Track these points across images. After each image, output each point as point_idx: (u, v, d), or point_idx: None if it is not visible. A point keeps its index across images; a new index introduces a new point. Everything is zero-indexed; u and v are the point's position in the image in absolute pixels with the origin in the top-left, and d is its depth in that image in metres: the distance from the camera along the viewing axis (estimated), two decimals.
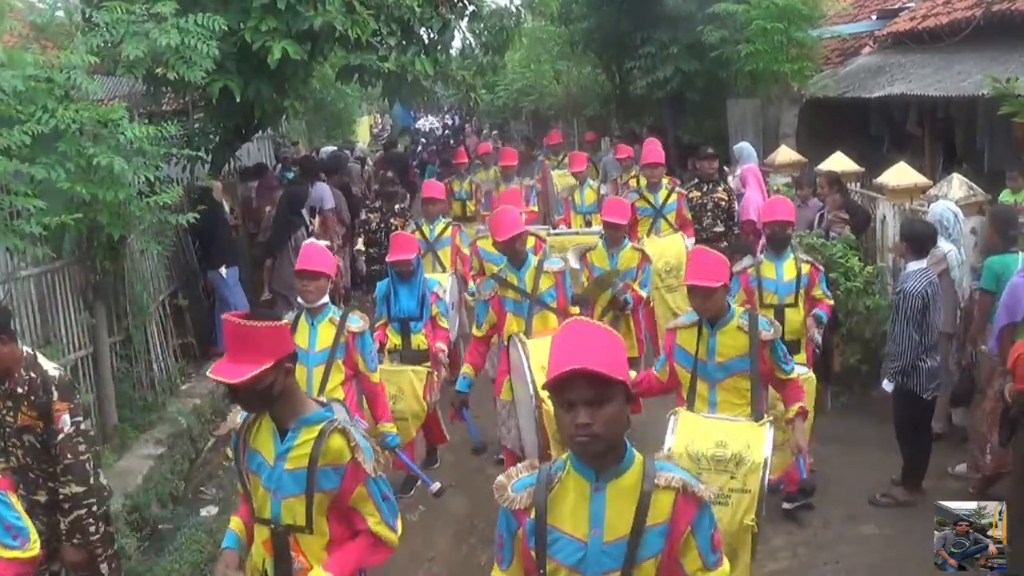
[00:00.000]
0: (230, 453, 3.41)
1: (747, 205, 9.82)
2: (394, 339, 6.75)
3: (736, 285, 6.37)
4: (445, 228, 8.77)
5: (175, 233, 8.87)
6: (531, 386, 5.23)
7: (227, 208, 9.68)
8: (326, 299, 5.46)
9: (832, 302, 6.74)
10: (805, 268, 6.50)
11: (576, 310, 6.09)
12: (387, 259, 6.79)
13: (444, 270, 8.48)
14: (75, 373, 7.17)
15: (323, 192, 11.65)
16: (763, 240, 7.31)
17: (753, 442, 4.49)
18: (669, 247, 8.63)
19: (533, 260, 6.14)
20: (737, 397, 4.69)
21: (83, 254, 7.31)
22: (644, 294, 7.32)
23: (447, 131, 34.68)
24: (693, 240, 8.79)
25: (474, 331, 6.27)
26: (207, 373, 3.96)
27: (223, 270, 9.39)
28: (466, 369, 6.13)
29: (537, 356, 5.19)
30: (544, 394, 4.40)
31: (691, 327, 4.72)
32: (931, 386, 6.18)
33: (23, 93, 6.11)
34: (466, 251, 8.76)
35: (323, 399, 4.15)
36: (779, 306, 6.39)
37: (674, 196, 9.03)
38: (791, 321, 6.33)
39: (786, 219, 6.52)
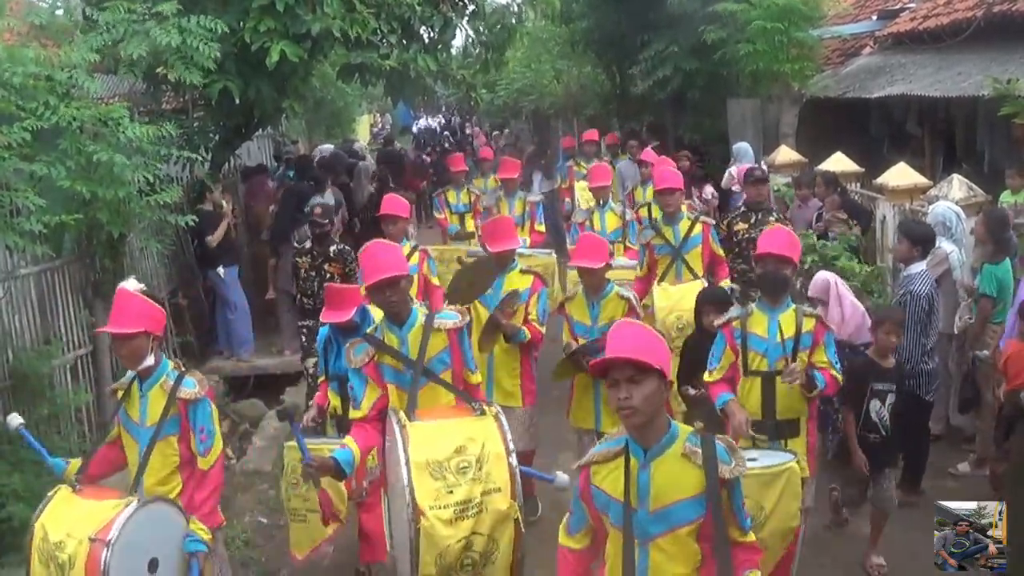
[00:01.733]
0: (230, 452, 3.44)
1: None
2: (334, 401, 5.52)
3: (720, 344, 5.07)
4: (411, 254, 7.08)
5: (175, 232, 8.87)
6: (408, 493, 3.87)
7: (228, 208, 9.66)
8: (151, 360, 4.28)
9: (840, 377, 5.00)
10: (808, 324, 4.94)
11: (477, 378, 4.65)
12: (321, 318, 5.55)
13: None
14: (74, 371, 7.18)
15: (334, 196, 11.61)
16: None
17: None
18: (686, 297, 6.61)
19: (420, 315, 4.49)
20: (681, 565, 3.09)
21: (83, 252, 7.31)
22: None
23: (445, 131, 34.08)
24: (728, 282, 7.17)
25: (352, 412, 4.57)
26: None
27: (222, 269, 9.39)
28: (351, 447, 4.32)
29: (420, 449, 3.99)
30: (426, 505, 3.81)
31: (614, 460, 3.15)
32: (932, 387, 6.19)
33: (24, 89, 6.11)
34: (436, 282, 7.30)
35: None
36: (768, 374, 4.92)
37: (698, 228, 7.16)
38: (784, 396, 4.91)
39: (783, 254, 4.91)
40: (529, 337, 6.07)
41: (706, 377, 5.09)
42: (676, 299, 6.75)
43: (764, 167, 10.12)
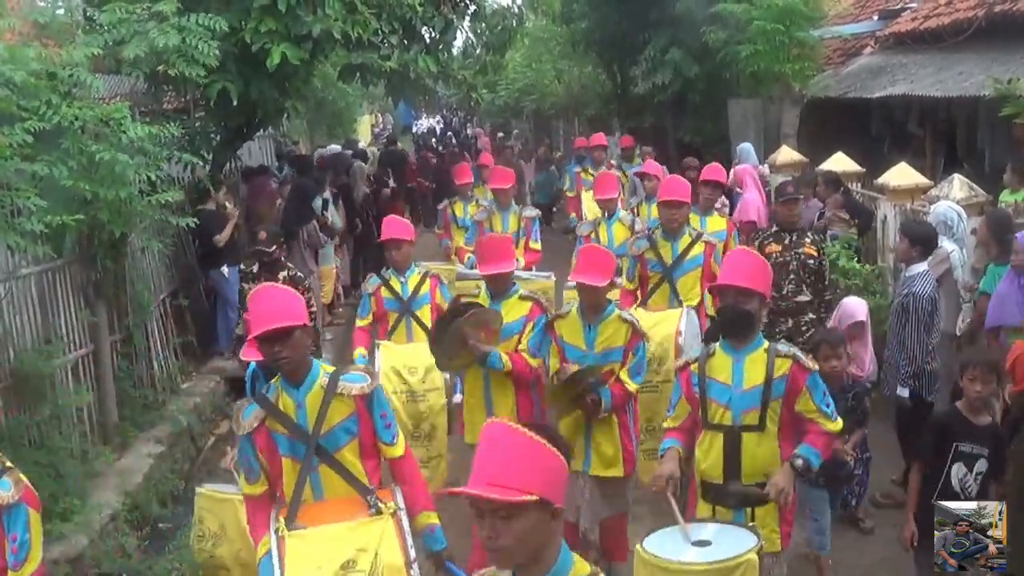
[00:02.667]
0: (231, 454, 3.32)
1: (747, 207, 9.77)
2: None
3: (676, 392, 4.37)
4: (421, 281, 6.44)
5: (176, 232, 8.88)
6: None
7: (230, 207, 9.65)
8: None
9: (838, 428, 4.17)
10: (782, 367, 4.05)
11: (397, 451, 3.84)
12: (241, 355, 5.03)
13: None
14: (75, 372, 7.18)
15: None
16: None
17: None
18: (661, 325, 6.00)
19: (321, 374, 3.69)
20: None
21: (84, 252, 7.31)
22: (634, 387, 5.01)
23: (448, 133, 33.44)
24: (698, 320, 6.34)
25: (244, 487, 3.81)
26: None
27: (224, 269, 9.39)
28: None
29: (299, 566, 3.46)
30: None
31: None
32: (934, 388, 6.19)
33: (26, 88, 6.11)
34: None
35: None
36: (732, 429, 4.08)
37: (699, 248, 6.49)
38: (752, 456, 4.08)
39: (745, 285, 4.07)
40: (509, 368, 5.26)
41: (664, 424, 4.50)
42: (649, 326, 5.67)
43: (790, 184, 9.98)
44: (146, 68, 7.78)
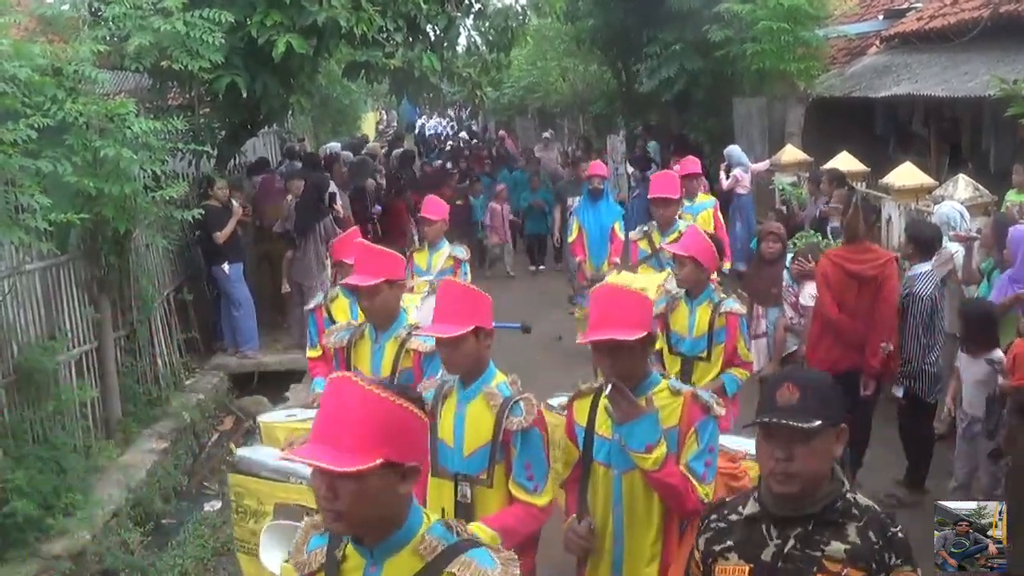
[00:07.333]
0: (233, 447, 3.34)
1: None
2: None
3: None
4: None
5: (180, 228, 8.90)
6: None
7: (235, 204, 9.66)
8: None
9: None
10: (720, 321, 5.09)
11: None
12: None
13: None
14: (79, 367, 7.21)
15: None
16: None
17: None
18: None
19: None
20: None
21: (88, 248, 7.33)
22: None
23: (474, 139, 27.84)
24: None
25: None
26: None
27: (227, 266, 9.41)
28: None
29: None
30: None
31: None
32: (935, 389, 6.18)
33: (31, 84, 6.13)
34: None
35: None
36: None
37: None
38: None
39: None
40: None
41: None
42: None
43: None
44: (149, 62, 7.79)
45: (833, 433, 2.47)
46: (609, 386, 3.21)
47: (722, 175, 11.12)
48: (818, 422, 2.38)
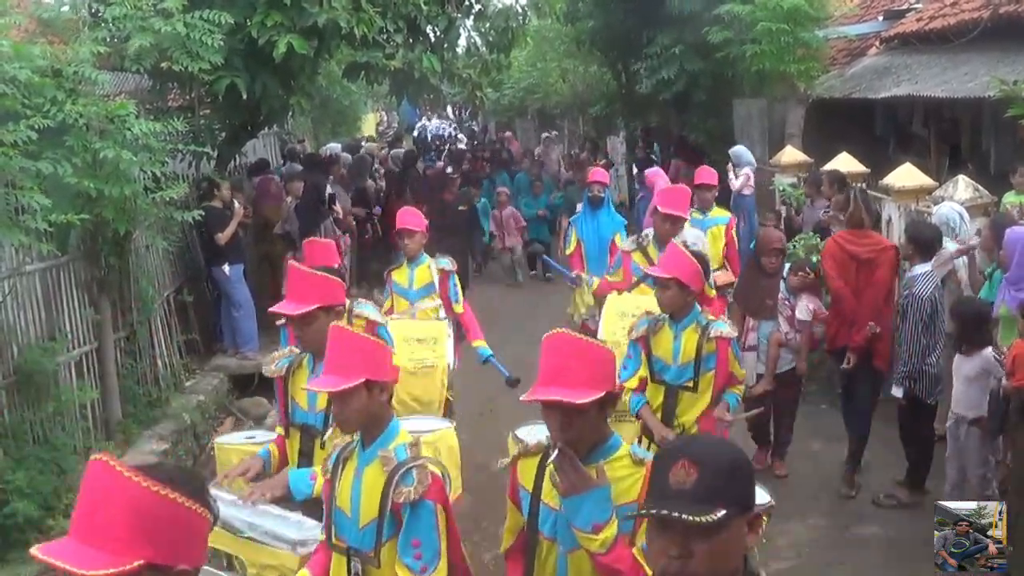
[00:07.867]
0: None
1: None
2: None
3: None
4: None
5: (180, 229, 8.90)
6: None
7: (238, 205, 9.66)
8: None
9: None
10: (709, 347, 4.66)
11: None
12: None
13: None
14: (79, 368, 7.21)
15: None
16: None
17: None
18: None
19: None
20: None
21: (88, 249, 7.33)
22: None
23: (474, 139, 27.74)
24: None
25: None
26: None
27: (226, 267, 9.41)
28: None
29: None
30: None
31: None
32: (935, 391, 6.18)
33: (31, 85, 6.13)
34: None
35: None
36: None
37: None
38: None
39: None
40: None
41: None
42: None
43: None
44: (149, 63, 7.80)
45: (742, 522, 1.92)
46: (555, 451, 2.77)
47: (731, 175, 11.12)
48: (722, 512, 1.82)
